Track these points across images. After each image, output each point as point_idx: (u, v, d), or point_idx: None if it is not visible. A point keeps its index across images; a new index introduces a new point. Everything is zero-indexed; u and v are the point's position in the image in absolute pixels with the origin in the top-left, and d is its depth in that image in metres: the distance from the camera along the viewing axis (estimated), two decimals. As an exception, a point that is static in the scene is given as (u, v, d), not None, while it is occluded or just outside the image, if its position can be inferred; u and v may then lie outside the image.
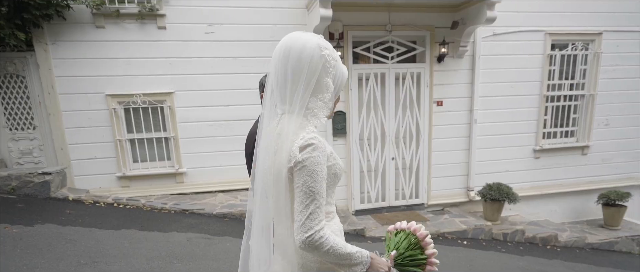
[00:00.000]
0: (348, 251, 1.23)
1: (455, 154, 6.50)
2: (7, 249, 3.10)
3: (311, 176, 1.17)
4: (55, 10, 5.16)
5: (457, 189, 6.59)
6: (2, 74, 5.36)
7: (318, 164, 1.18)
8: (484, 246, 5.24)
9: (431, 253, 1.44)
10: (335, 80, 1.32)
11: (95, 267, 3.06)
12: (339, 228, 1.41)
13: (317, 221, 1.17)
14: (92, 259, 3.20)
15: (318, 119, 1.28)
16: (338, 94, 1.38)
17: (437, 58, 6.24)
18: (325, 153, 1.22)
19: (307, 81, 1.23)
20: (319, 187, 1.18)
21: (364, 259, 1.28)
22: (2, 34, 4.86)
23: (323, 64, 1.25)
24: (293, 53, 1.22)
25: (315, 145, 1.18)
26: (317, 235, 1.16)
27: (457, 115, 6.41)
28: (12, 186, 4.72)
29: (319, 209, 1.18)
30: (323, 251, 1.18)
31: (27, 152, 5.43)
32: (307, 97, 1.26)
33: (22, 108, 5.40)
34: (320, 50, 1.24)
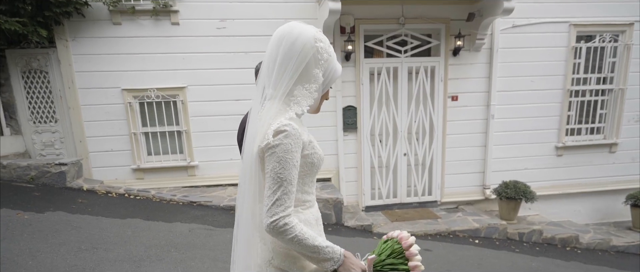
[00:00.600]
0: (316, 244, 1.21)
1: (471, 151, 6.30)
2: (15, 234, 3.27)
3: (280, 162, 1.17)
4: (75, 7, 5.35)
5: (473, 187, 6.40)
6: (27, 70, 5.61)
7: (288, 151, 1.18)
8: (496, 245, 5.06)
9: (414, 265, 1.37)
10: (326, 73, 1.32)
11: (94, 253, 3.18)
12: (315, 218, 1.40)
13: (283, 208, 1.18)
14: (92, 245, 3.32)
15: (300, 107, 1.29)
16: (327, 89, 1.39)
17: (453, 51, 6.07)
18: (298, 141, 1.21)
19: (295, 68, 1.25)
20: (287, 175, 1.18)
21: (335, 256, 1.25)
22: (26, 30, 5.07)
23: (314, 54, 1.26)
24: (287, 40, 1.24)
25: (287, 132, 1.18)
26: (282, 221, 1.17)
27: (473, 111, 6.21)
28: (31, 176, 4.97)
29: (286, 196, 1.18)
30: (287, 238, 1.18)
31: (49, 144, 5.69)
32: (291, 84, 1.27)
33: (44, 102, 5.66)
34: (314, 42, 1.26)
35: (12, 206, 3.91)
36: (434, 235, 5.22)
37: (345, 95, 5.99)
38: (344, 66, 5.93)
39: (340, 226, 5.22)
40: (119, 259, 3.17)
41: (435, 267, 4.06)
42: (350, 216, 5.58)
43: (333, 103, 5.96)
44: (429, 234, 5.23)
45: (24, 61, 5.59)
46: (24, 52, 5.58)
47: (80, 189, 5.02)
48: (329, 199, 5.24)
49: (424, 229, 5.30)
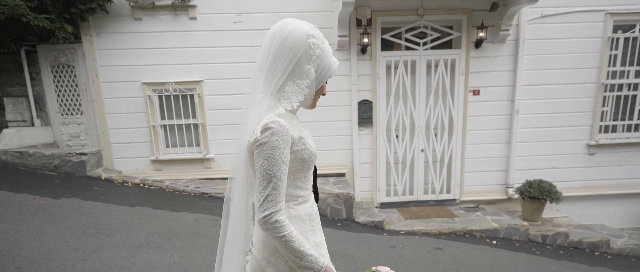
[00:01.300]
0: (301, 249, 1.22)
1: (493, 148, 6.03)
2: (27, 217, 3.47)
3: (268, 159, 1.19)
4: (98, 4, 5.58)
5: (494, 186, 6.13)
6: (56, 64, 5.91)
7: (275, 148, 1.20)
8: (516, 247, 4.82)
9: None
10: (319, 70, 1.33)
11: (96, 238, 3.31)
12: (308, 213, 1.39)
13: (274, 203, 1.20)
14: (97, 230, 3.46)
15: (290, 103, 1.29)
16: (321, 85, 1.38)
17: (475, 43, 5.83)
18: (285, 138, 1.22)
19: (287, 64, 1.27)
20: (275, 171, 1.20)
21: (315, 267, 1.24)
22: (53, 26, 5.33)
23: (306, 50, 1.27)
24: (279, 36, 1.27)
25: (274, 130, 1.20)
26: (273, 218, 1.19)
27: (496, 106, 5.94)
28: (55, 164, 5.24)
29: (276, 192, 1.20)
30: (276, 236, 1.21)
31: (75, 135, 5.98)
32: (283, 80, 1.29)
33: (71, 95, 5.94)
34: (307, 38, 1.28)
35: (32, 191, 4.15)
36: (448, 234, 5.04)
37: (360, 89, 5.89)
38: (359, 59, 5.85)
39: (351, 222, 5.15)
40: (119, 244, 3.28)
41: (442, 266, 3.92)
42: (362, 212, 5.49)
43: (348, 97, 5.88)
44: (443, 233, 5.05)
45: (53, 56, 5.89)
46: (53, 48, 5.88)
47: (99, 178, 5.25)
48: (339, 194, 5.17)
49: (438, 228, 5.13)
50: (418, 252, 4.25)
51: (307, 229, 1.36)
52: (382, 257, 3.96)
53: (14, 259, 2.67)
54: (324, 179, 5.74)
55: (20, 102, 5.89)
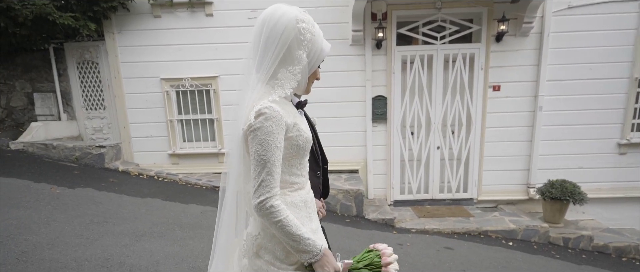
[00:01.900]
0: (298, 233, 1.22)
1: (514, 146, 5.80)
2: (41, 205, 3.66)
3: (262, 145, 1.20)
4: (120, 2, 5.78)
5: (515, 185, 5.89)
6: (81, 61, 6.18)
7: (269, 133, 1.20)
8: (534, 249, 4.61)
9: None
10: (310, 54, 1.33)
11: (103, 226, 3.44)
12: (304, 200, 1.38)
13: (269, 189, 1.20)
14: (104, 219, 3.60)
15: (283, 90, 1.30)
16: (314, 69, 1.38)
17: (495, 37, 5.62)
18: (279, 123, 1.22)
19: (278, 51, 1.27)
20: (270, 156, 1.20)
21: (314, 250, 1.25)
22: (78, 24, 5.57)
23: (296, 35, 1.27)
24: (268, 23, 1.27)
25: (267, 115, 1.20)
26: (268, 203, 1.20)
27: (517, 102, 5.71)
28: (76, 156, 5.49)
29: (271, 177, 1.21)
30: (273, 221, 1.21)
31: (98, 129, 6.23)
32: (275, 66, 1.28)
33: (95, 91, 6.20)
34: (296, 23, 1.27)
35: (50, 181, 4.37)
36: (461, 233, 4.89)
37: (375, 85, 5.81)
38: (374, 54, 5.76)
39: (361, 218, 5.10)
40: (123, 232, 3.40)
41: (448, 266, 3.81)
42: (374, 209, 5.42)
43: (362, 93, 5.82)
44: (456, 232, 4.91)
45: (78, 53, 6.16)
46: (79, 45, 6.15)
47: (116, 170, 5.46)
48: (350, 190, 5.13)
49: (451, 227, 4.99)
50: (426, 251, 4.15)
51: (302, 215, 1.35)
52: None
53: (20, 243, 2.83)
54: (336, 176, 5.70)
55: (48, 97, 6.20)
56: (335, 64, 5.78)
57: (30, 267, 2.54)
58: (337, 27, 5.77)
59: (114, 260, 2.84)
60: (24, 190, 3.89)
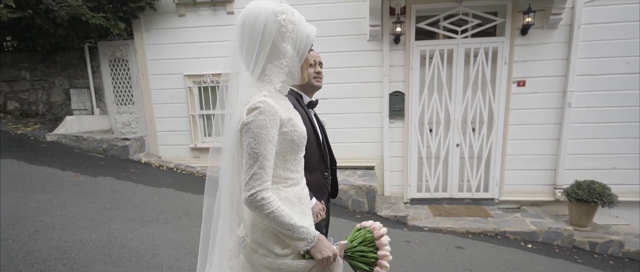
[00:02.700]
0: (291, 222, 1.24)
1: (540, 144, 5.53)
2: (62, 191, 3.95)
3: (254, 138, 1.21)
4: (147, 2, 6.08)
5: (540, 186, 5.63)
6: (113, 59, 6.55)
7: (262, 127, 1.21)
8: (554, 253, 4.38)
9: (383, 254, 1.41)
10: (297, 43, 1.33)
11: (114, 212, 3.64)
12: (298, 196, 1.39)
13: (260, 182, 1.21)
14: (116, 205, 3.81)
15: (272, 85, 1.30)
16: (304, 57, 1.38)
17: (521, 30, 5.37)
18: (273, 118, 1.23)
19: (263, 48, 1.28)
20: (262, 150, 1.21)
21: (309, 237, 1.27)
22: (109, 24, 5.91)
23: (278, 29, 1.26)
24: (248, 23, 1.27)
25: (261, 109, 1.21)
26: (259, 195, 1.20)
27: (543, 98, 5.45)
28: (103, 148, 5.84)
29: (263, 171, 1.22)
30: (264, 213, 1.22)
31: (127, 123, 6.58)
32: (262, 63, 1.30)
33: (125, 87, 6.56)
34: (276, 16, 1.26)
35: (75, 169, 4.69)
36: (477, 233, 4.73)
37: (392, 81, 5.73)
38: (392, 50, 5.69)
39: (372, 215, 5.06)
40: (131, 218, 3.59)
41: (454, 265, 3.71)
42: (387, 206, 5.35)
43: (379, 89, 5.76)
44: (471, 232, 4.75)
45: (110, 51, 6.53)
46: (111, 44, 6.52)
47: (139, 161, 5.75)
48: (362, 186, 5.10)
49: (466, 227, 4.83)
50: (434, 250, 4.05)
51: (296, 211, 1.35)
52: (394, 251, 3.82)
53: (35, 223, 3.07)
54: (351, 172, 5.69)
55: (83, 93, 6.63)
56: (352, 60, 5.78)
57: (39, 245, 2.76)
58: (355, 23, 5.76)
59: (117, 242, 3.02)
60: (50, 177, 4.21)
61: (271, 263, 1.30)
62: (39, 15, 5.87)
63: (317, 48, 6.22)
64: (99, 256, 2.75)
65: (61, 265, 2.54)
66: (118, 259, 2.76)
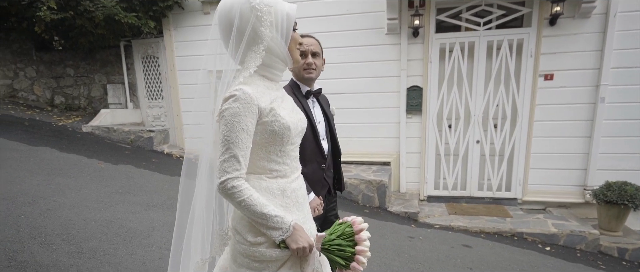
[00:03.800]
0: (264, 211, 1.23)
1: (568, 142, 5.20)
2: (82, 175, 4.31)
3: (227, 125, 1.21)
4: (175, 1, 6.37)
5: (568, 186, 5.29)
6: (145, 56, 6.96)
7: (235, 115, 1.20)
8: (575, 257, 4.10)
9: (361, 250, 1.38)
10: (278, 24, 1.30)
11: (123, 196, 3.90)
12: (281, 188, 1.36)
13: (232, 170, 1.21)
14: (127, 190, 4.07)
15: (247, 70, 1.29)
16: (289, 37, 1.34)
17: (549, 20, 5.06)
18: (248, 106, 1.22)
19: (241, 37, 1.28)
20: (234, 138, 1.21)
21: (284, 227, 1.25)
22: (140, 23, 6.29)
23: (254, 14, 1.25)
24: (223, 16, 1.29)
25: (236, 96, 1.21)
26: (230, 183, 1.20)
27: (573, 93, 5.12)
28: (131, 139, 6.24)
29: (234, 159, 1.21)
30: (236, 201, 1.22)
31: (157, 117, 6.97)
32: (242, 51, 1.30)
33: (155, 82, 6.95)
34: (249, 3, 1.25)
35: (100, 157, 5.08)
36: (491, 233, 4.53)
37: (410, 75, 5.63)
38: (410, 43, 5.59)
39: (382, 210, 5.00)
40: (137, 202, 3.83)
41: (454, 263, 3.59)
42: (400, 202, 5.27)
43: (396, 83, 5.67)
44: (484, 232, 4.56)
45: (143, 49, 6.95)
46: (143, 42, 6.94)
47: (162, 152, 6.09)
48: (372, 181, 5.06)
49: (481, 226, 4.65)
50: (437, 247, 3.94)
51: (277, 203, 1.32)
52: (389, 245, 3.79)
53: (49, 203, 3.38)
54: (367, 167, 5.65)
55: (118, 88, 7.11)
56: (369, 54, 5.74)
57: (46, 221, 3.04)
58: (372, 17, 5.70)
59: (117, 223, 3.25)
60: (75, 163, 4.59)
61: (245, 250, 1.29)
62: (79, 15, 6.37)
63: (334, 43, 6.25)
64: (96, 234, 2.98)
65: (60, 240, 2.79)
66: (113, 238, 2.98)
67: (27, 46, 7.59)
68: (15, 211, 3.06)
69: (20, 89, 7.82)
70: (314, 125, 2.00)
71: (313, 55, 2.00)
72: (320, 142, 2.01)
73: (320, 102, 2.12)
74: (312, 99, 2.07)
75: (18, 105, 7.20)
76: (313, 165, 2.00)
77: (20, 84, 7.78)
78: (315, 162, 2.01)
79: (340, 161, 2.19)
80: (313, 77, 2.02)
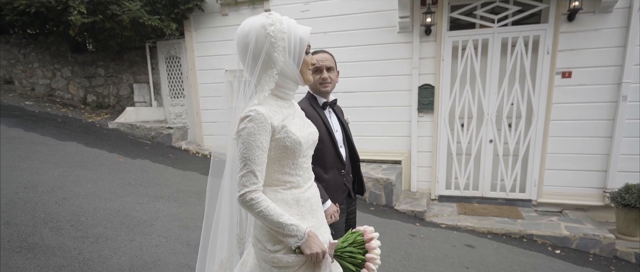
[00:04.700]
0: (280, 221, 1.34)
1: (587, 142, 5.01)
2: (101, 168, 4.61)
3: (244, 144, 1.32)
4: (196, 4, 6.64)
5: (587, 188, 5.08)
6: (168, 56, 7.29)
7: (251, 134, 1.31)
8: (586, 261, 3.95)
9: (371, 257, 1.47)
10: (290, 50, 1.40)
11: (134, 188, 4.13)
12: (296, 199, 1.47)
13: (250, 183, 1.33)
14: (139, 182, 4.30)
15: (262, 93, 1.38)
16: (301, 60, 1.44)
17: (568, 16, 4.89)
18: (263, 125, 1.33)
19: (256, 60, 1.37)
20: (250, 155, 1.32)
21: (299, 234, 1.36)
22: (162, 25, 6.60)
23: (269, 41, 1.35)
24: (241, 40, 1.40)
25: (251, 117, 1.32)
26: (248, 196, 1.32)
27: (593, 91, 4.93)
28: (152, 135, 6.56)
29: (252, 174, 1.33)
30: (255, 211, 1.34)
31: (178, 114, 7.28)
32: (258, 74, 1.40)
33: (177, 82, 7.26)
34: (265, 30, 1.35)
35: (121, 152, 5.38)
36: (499, 235, 4.44)
37: (422, 73, 5.59)
38: (422, 41, 5.56)
39: (388, 208, 5.00)
40: (146, 193, 4.05)
41: (450, 261, 3.56)
42: (409, 201, 5.25)
43: (408, 82, 5.65)
44: (492, 232, 4.47)
45: (166, 50, 7.28)
46: (167, 43, 7.27)
47: (180, 148, 6.35)
48: (379, 179, 5.07)
49: (489, 227, 4.56)
50: (437, 245, 3.91)
51: (293, 213, 1.44)
52: (386, 242, 3.80)
53: (66, 192, 3.66)
54: (377, 165, 5.66)
55: (143, 87, 7.48)
56: (380, 53, 5.75)
57: (59, 209, 3.31)
58: (384, 15, 5.71)
59: (124, 212, 3.46)
60: (97, 157, 4.90)
61: (266, 257, 1.42)
62: (108, 19, 6.76)
63: (346, 42, 6.28)
64: (103, 222, 3.21)
65: (69, 225, 3.03)
66: (118, 225, 3.19)
67: (63, 48, 8.13)
68: (34, 199, 3.34)
69: (57, 88, 8.38)
70: (332, 134, 2.10)
71: (328, 70, 2.11)
72: (338, 149, 2.11)
73: (335, 112, 2.23)
74: (329, 109, 2.17)
75: (55, 103, 7.73)
76: (333, 171, 2.11)
77: (57, 83, 8.35)
78: (336, 168, 2.11)
79: (358, 166, 2.29)
80: (328, 90, 2.12)
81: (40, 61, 8.33)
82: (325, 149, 2.06)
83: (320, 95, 2.15)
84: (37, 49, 8.29)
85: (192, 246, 3.06)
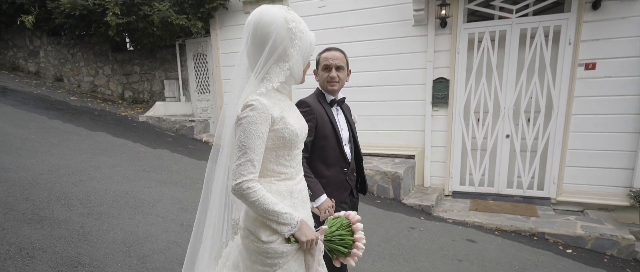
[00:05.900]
0: (275, 209, 1.35)
1: (612, 138, 4.72)
2: (123, 156, 4.97)
3: (244, 132, 1.32)
4: (220, 3, 6.94)
5: (611, 187, 4.79)
6: (196, 54, 7.66)
7: (252, 122, 1.32)
8: (601, 262, 3.75)
9: (358, 237, 1.57)
10: (302, 50, 1.44)
11: (147, 174, 4.42)
12: (289, 190, 1.50)
13: (246, 172, 1.32)
14: (153, 169, 4.59)
15: (270, 83, 1.40)
16: (307, 61, 1.52)
17: (592, 4, 4.64)
18: (264, 115, 1.34)
19: (272, 53, 1.38)
20: (250, 143, 1.32)
21: (292, 222, 1.39)
22: (189, 24, 6.96)
23: (289, 36, 1.38)
24: (260, 28, 1.37)
25: (254, 106, 1.32)
26: (244, 185, 1.32)
27: (619, 83, 4.65)
28: (176, 128, 6.93)
29: (249, 163, 1.33)
30: (249, 201, 1.34)
31: (204, 109, 7.63)
32: (270, 65, 1.41)
33: (203, 78, 7.62)
34: (287, 24, 1.37)
35: (144, 142, 5.76)
36: (508, 232, 4.29)
37: (436, 67, 5.51)
38: (437, 34, 5.50)
39: (396, 202, 4.98)
40: (156, 179, 4.32)
41: (444, 253, 3.54)
42: (418, 195, 5.19)
43: (422, 75, 5.59)
44: (500, 229, 4.33)
45: (194, 48, 7.65)
46: (195, 41, 7.64)
47: (200, 140, 6.67)
48: (387, 172, 5.06)
49: (498, 223, 4.42)
50: (436, 239, 3.85)
51: (286, 204, 1.45)
52: (382, 232, 3.80)
53: (84, 177, 4.02)
54: (389, 160, 5.63)
55: (173, 83, 7.91)
56: (395, 47, 5.73)
57: (74, 189, 3.65)
58: (399, 9, 5.68)
59: (131, 194, 3.73)
60: (121, 146, 5.30)
61: (259, 248, 1.41)
62: (140, 19, 7.23)
63: (361, 36, 6.33)
64: (109, 201, 3.50)
65: (78, 203, 3.35)
66: (122, 205, 3.47)
67: (105, 47, 8.78)
68: (54, 180, 3.71)
69: (99, 85, 9.06)
70: (338, 131, 2.11)
71: (337, 69, 2.11)
72: (343, 147, 2.12)
73: (343, 111, 2.24)
74: (336, 107, 2.18)
75: (96, 98, 8.37)
76: (335, 169, 2.13)
77: (99, 80, 9.03)
78: (338, 166, 2.12)
79: (362, 166, 2.32)
80: (336, 89, 2.13)
81: (85, 60, 9.04)
82: (328, 146, 2.08)
83: (328, 93, 2.16)
84: (83, 49, 9.01)
85: (185, 227, 3.27)
